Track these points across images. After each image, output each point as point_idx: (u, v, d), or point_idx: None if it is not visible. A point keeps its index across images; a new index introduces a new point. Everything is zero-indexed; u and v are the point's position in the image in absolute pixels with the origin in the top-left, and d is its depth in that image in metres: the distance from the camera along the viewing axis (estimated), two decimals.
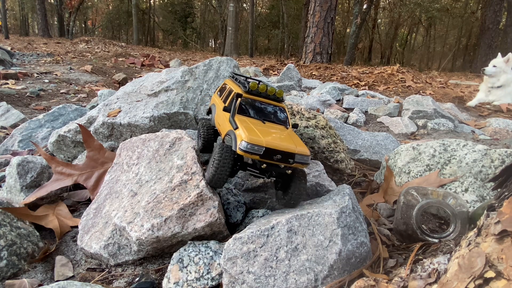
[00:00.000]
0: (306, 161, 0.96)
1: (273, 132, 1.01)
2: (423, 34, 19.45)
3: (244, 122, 1.01)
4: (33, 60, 5.89)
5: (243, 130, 0.95)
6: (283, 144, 0.94)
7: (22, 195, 1.28)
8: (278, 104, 1.14)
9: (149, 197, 1.04)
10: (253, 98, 1.11)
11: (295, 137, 1.03)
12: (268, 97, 1.12)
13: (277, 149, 0.93)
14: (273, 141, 0.94)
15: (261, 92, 1.11)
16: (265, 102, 1.13)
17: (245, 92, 1.11)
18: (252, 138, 0.92)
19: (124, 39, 21.25)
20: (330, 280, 0.86)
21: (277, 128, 1.06)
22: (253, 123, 1.02)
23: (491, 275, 0.62)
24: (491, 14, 10.95)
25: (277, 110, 1.13)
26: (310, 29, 8.09)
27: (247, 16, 18.84)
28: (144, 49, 13.03)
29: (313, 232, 0.92)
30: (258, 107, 1.11)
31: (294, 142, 0.97)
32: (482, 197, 1.23)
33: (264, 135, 0.95)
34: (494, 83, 3.85)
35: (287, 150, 0.94)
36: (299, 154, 0.95)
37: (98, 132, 1.57)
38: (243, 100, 1.10)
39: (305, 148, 0.98)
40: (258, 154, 0.92)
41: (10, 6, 20.73)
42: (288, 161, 0.95)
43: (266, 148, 0.91)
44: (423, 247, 0.97)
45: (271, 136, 0.97)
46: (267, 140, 0.93)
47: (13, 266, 0.97)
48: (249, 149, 0.91)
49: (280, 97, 1.13)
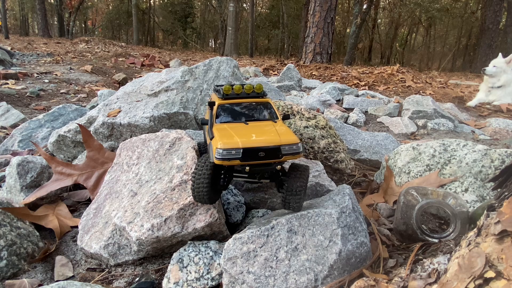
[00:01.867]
0: (297, 150, 0.88)
1: (254, 130, 0.94)
2: (423, 34, 19.45)
3: (222, 129, 0.94)
4: (33, 60, 5.89)
5: (218, 137, 0.88)
6: (264, 139, 0.87)
7: (22, 195, 1.28)
8: (260, 100, 1.05)
9: (149, 197, 1.04)
10: (231, 102, 1.03)
11: (282, 128, 0.95)
12: (248, 96, 1.04)
13: (257, 147, 0.85)
14: (251, 140, 0.86)
15: (238, 94, 1.03)
16: (245, 103, 1.04)
17: (221, 98, 1.04)
18: (226, 142, 0.85)
19: (124, 39, 21.25)
20: (330, 280, 0.86)
21: (261, 125, 0.99)
22: (233, 128, 0.95)
23: (491, 275, 0.62)
24: (491, 14, 10.95)
25: (260, 107, 1.05)
26: (310, 29, 8.09)
27: (247, 16, 18.84)
28: (144, 49, 13.03)
29: (313, 232, 0.92)
30: (238, 110, 1.03)
31: (279, 134, 0.90)
32: (482, 197, 1.23)
33: (241, 137, 0.87)
34: (494, 83, 3.85)
35: (269, 144, 0.86)
36: (285, 144, 0.87)
37: (98, 132, 1.57)
38: (220, 107, 1.03)
39: (292, 136, 0.89)
40: (237, 158, 0.84)
41: (10, 6, 20.73)
42: (275, 156, 0.87)
43: (243, 149, 0.84)
44: (423, 247, 0.97)
45: (250, 135, 0.90)
46: (243, 140, 0.86)
47: (13, 266, 0.97)
48: (226, 156, 0.84)
49: (260, 92, 1.05)
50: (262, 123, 1.00)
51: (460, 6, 15.85)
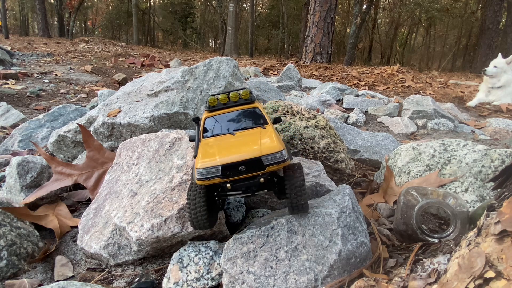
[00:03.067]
0: (281, 158, 0.82)
1: (238, 142, 0.90)
2: (423, 34, 19.46)
3: (206, 145, 0.91)
4: (33, 60, 5.89)
5: (199, 156, 0.85)
6: (243, 152, 0.82)
7: (22, 195, 1.28)
8: (248, 106, 1.00)
9: (149, 197, 1.04)
10: (218, 113, 0.99)
11: (267, 135, 0.90)
12: (235, 104, 0.99)
13: (236, 161, 0.81)
14: (230, 154, 0.82)
15: (224, 103, 0.99)
16: (233, 111, 1.00)
17: (207, 111, 1.00)
18: (204, 161, 0.81)
19: (124, 39, 21.25)
20: (330, 280, 0.86)
21: (248, 134, 0.94)
22: (218, 142, 0.91)
23: (491, 275, 0.62)
24: (491, 14, 10.95)
25: (249, 114, 1.00)
26: (310, 29, 8.09)
27: (247, 16, 18.84)
28: (144, 49, 13.03)
29: (313, 232, 0.92)
30: (225, 121, 0.99)
31: (261, 143, 0.85)
32: (482, 197, 1.23)
33: (221, 152, 0.83)
34: (494, 84, 3.85)
35: (248, 156, 0.81)
36: (266, 154, 0.81)
37: (98, 132, 1.57)
38: (208, 121, 0.99)
39: (275, 144, 0.83)
40: (217, 176, 0.81)
41: (10, 6, 20.73)
42: (258, 168, 0.82)
43: (222, 166, 0.80)
44: (423, 247, 0.97)
45: (232, 148, 0.86)
46: (222, 156, 0.82)
47: (13, 266, 0.97)
48: (206, 175, 0.81)
49: (247, 98, 1.00)
50: (249, 132, 0.95)
51: (460, 6, 15.85)
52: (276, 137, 0.88)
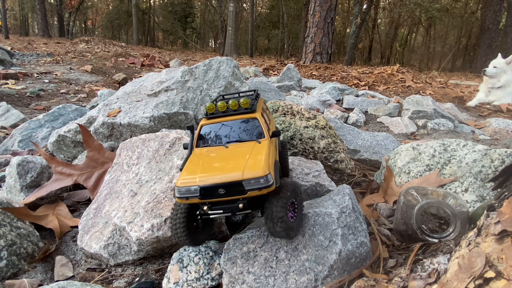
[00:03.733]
0: (264, 184, 0.75)
1: (226, 158, 0.85)
2: (423, 34, 19.45)
3: (194, 158, 0.87)
4: (33, 60, 5.89)
5: (183, 171, 0.81)
6: (225, 173, 0.77)
7: (22, 195, 1.28)
8: (248, 116, 0.94)
9: (149, 197, 1.04)
10: (215, 121, 0.94)
11: (258, 153, 0.83)
12: (234, 112, 0.94)
13: (215, 184, 0.75)
14: (211, 174, 0.77)
15: (223, 111, 0.94)
16: (231, 120, 0.94)
17: (205, 118, 0.95)
18: (184, 180, 0.77)
19: (124, 39, 21.25)
20: (330, 280, 0.86)
21: (240, 148, 0.88)
22: (207, 154, 0.87)
23: (491, 275, 0.62)
24: (491, 14, 10.95)
25: (246, 124, 0.94)
26: (310, 29, 8.09)
27: (247, 16, 18.84)
28: (144, 49, 13.03)
29: (313, 232, 0.92)
30: (221, 130, 0.94)
31: (246, 164, 0.78)
32: (482, 197, 1.23)
33: (204, 169, 0.79)
34: (494, 84, 3.85)
35: (228, 179, 0.75)
36: (248, 179, 0.75)
37: (98, 132, 1.57)
38: (204, 129, 0.94)
39: (261, 166, 0.76)
40: (196, 196, 0.76)
41: (10, 6, 20.73)
42: (239, 192, 0.76)
43: (201, 187, 0.76)
44: (423, 247, 0.97)
45: (215, 166, 0.81)
46: (202, 175, 0.77)
47: (13, 266, 0.97)
48: (185, 194, 0.77)
49: (247, 107, 0.93)
50: (242, 146, 0.89)
51: (460, 6, 15.85)
52: (267, 157, 0.81)
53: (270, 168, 0.78)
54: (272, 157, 0.86)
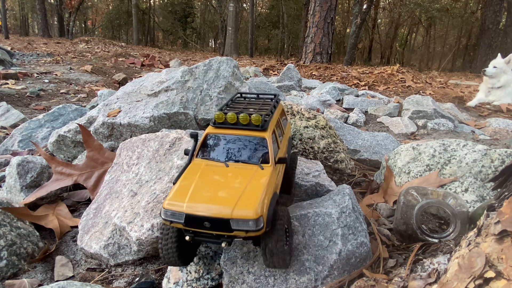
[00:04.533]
0: (252, 227, 0.70)
1: (222, 182, 0.79)
2: (423, 34, 19.46)
3: (191, 172, 0.82)
4: (33, 60, 5.89)
5: (173, 189, 0.77)
6: (213, 205, 0.71)
7: (22, 195, 1.28)
8: (257, 134, 0.87)
9: (149, 197, 1.04)
10: (222, 132, 0.88)
11: (255, 186, 0.77)
12: (244, 127, 0.87)
13: (200, 216, 0.71)
14: (199, 203, 0.72)
15: (232, 123, 0.88)
16: (238, 135, 0.88)
17: (212, 125, 0.89)
18: (172, 202, 0.73)
19: (124, 39, 21.25)
20: (330, 280, 0.86)
21: (240, 171, 0.82)
22: (205, 171, 0.82)
23: (491, 275, 0.62)
24: (491, 14, 10.94)
25: (253, 143, 0.87)
26: (310, 29, 8.09)
27: (247, 16, 18.84)
28: (144, 49, 13.03)
29: (313, 232, 0.92)
30: (226, 144, 0.88)
31: (240, 198, 0.73)
32: (482, 197, 1.23)
33: (195, 193, 0.75)
34: (494, 84, 3.85)
35: (216, 214, 0.70)
36: (236, 219, 0.69)
37: (98, 132, 1.57)
38: (209, 137, 0.89)
39: (254, 207, 0.70)
40: (180, 223, 0.73)
41: (10, 6, 20.73)
42: (225, 229, 0.71)
43: (186, 215, 0.71)
44: (423, 247, 0.97)
45: (207, 192, 0.75)
46: (190, 202, 0.72)
47: (13, 266, 0.97)
48: (170, 218, 0.73)
49: (257, 125, 0.86)
50: (243, 169, 0.83)
51: (460, 6, 15.84)
52: (264, 192, 0.75)
53: (264, 208, 0.73)
54: (271, 190, 0.80)
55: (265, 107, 1.00)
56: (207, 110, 1.74)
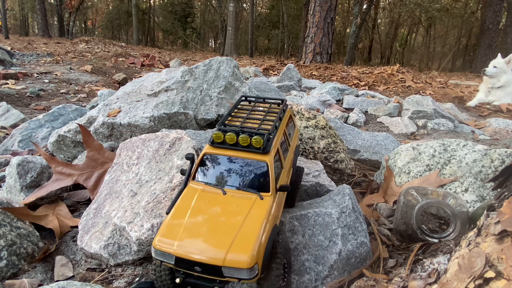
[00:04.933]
0: (245, 276, 0.65)
1: (217, 217, 0.73)
2: (423, 34, 19.46)
3: (185, 201, 0.77)
4: (33, 60, 5.89)
5: (164, 225, 0.72)
6: (205, 249, 0.66)
7: (22, 195, 1.28)
8: (257, 158, 0.80)
9: (149, 197, 1.04)
10: (220, 153, 0.82)
11: (252, 224, 0.71)
12: (243, 149, 0.81)
13: (191, 260, 0.66)
14: (191, 244, 0.67)
15: (231, 144, 0.81)
16: (237, 157, 0.81)
17: (210, 145, 0.83)
18: (162, 242, 0.69)
19: (124, 39, 21.25)
20: (330, 280, 0.86)
21: (238, 202, 0.76)
22: (200, 201, 0.76)
23: (491, 275, 0.62)
24: (491, 14, 10.94)
25: (253, 167, 0.80)
26: (310, 29, 8.09)
27: (247, 16, 18.84)
28: (144, 49, 13.02)
29: (313, 232, 0.92)
30: (224, 167, 0.82)
31: (234, 241, 0.67)
32: (482, 197, 1.23)
33: (185, 232, 0.69)
34: (494, 84, 3.85)
35: (207, 260, 0.66)
36: (228, 267, 0.65)
37: (98, 132, 1.57)
38: (206, 158, 0.83)
39: (248, 252, 0.65)
40: (171, 263, 0.69)
41: (10, 6, 20.73)
42: (217, 274, 0.67)
43: (176, 257, 0.67)
44: (423, 247, 0.97)
45: (200, 230, 0.70)
46: (181, 243, 0.68)
47: (13, 266, 0.97)
48: (160, 257, 0.69)
49: (258, 147, 0.80)
50: (242, 197, 0.77)
51: (460, 6, 15.84)
52: (261, 233, 0.69)
53: (261, 250, 0.68)
54: (270, 224, 0.74)
55: (271, 116, 0.94)
56: (207, 110, 1.74)
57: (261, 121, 0.90)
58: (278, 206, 0.82)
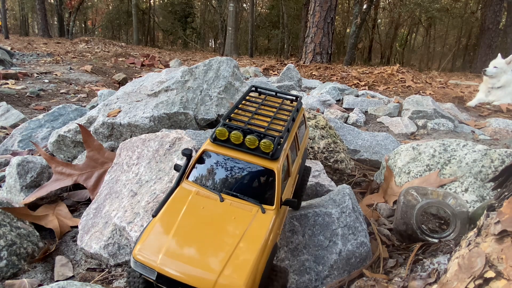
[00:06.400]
0: None
1: (210, 229, 0.64)
2: (423, 34, 19.46)
3: (176, 205, 0.67)
4: (33, 60, 5.89)
5: (148, 229, 0.63)
6: (193, 269, 0.58)
7: (22, 195, 1.28)
8: (264, 164, 0.69)
9: (149, 197, 1.04)
10: (222, 152, 0.71)
11: (250, 243, 0.61)
12: (249, 151, 0.70)
13: (174, 279, 0.58)
14: (177, 260, 0.59)
15: (236, 144, 0.70)
16: (241, 159, 0.70)
17: (212, 141, 0.72)
18: (143, 253, 0.60)
19: (124, 39, 21.25)
20: (330, 280, 0.86)
21: (235, 214, 0.66)
22: (192, 207, 0.67)
23: (491, 275, 0.62)
24: (491, 14, 10.95)
25: (258, 174, 0.70)
26: (310, 29, 8.10)
27: (247, 16, 18.84)
28: (144, 49, 13.03)
29: (313, 232, 0.92)
30: (224, 168, 0.72)
31: (227, 265, 0.58)
32: (482, 197, 1.23)
33: (173, 244, 0.60)
34: (494, 84, 3.85)
35: (194, 284, 0.57)
36: None
37: (98, 132, 1.57)
38: (205, 155, 0.72)
39: (242, 280, 0.56)
40: (151, 278, 0.60)
41: (10, 6, 20.73)
42: None
43: (158, 273, 0.59)
44: (423, 247, 0.97)
45: (189, 243, 0.61)
46: (166, 257, 0.59)
47: (13, 266, 0.97)
48: (139, 269, 0.60)
49: (267, 152, 0.68)
50: (241, 208, 0.67)
51: (460, 6, 15.85)
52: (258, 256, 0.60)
53: (257, 278, 0.59)
54: (270, 245, 0.64)
55: (282, 115, 0.83)
56: (207, 110, 1.74)
57: (271, 119, 0.79)
58: (280, 221, 0.73)
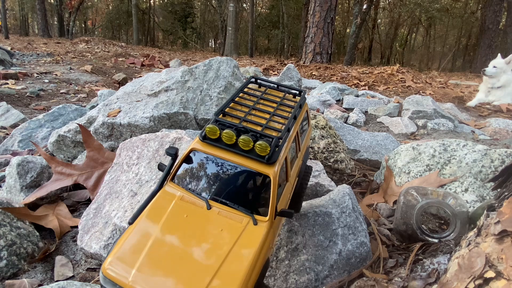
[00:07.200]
0: None
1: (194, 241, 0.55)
2: (423, 34, 19.47)
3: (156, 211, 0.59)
4: (33, 60, 5.89)
5: (121, 239, 0.55)
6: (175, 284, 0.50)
7: (22, 195, 1.28)
8: (260, 168, 0.60)
9: None
10: (211, 153, 0.62)
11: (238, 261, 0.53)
12: (243, 153, 0.61)
13: None
14: (153, 277, 0.50)
15: (228, 144, 0.62)
16: (234, 162, 0.61)
17: (201, 139, 0.63)
18: (115, 264, 0.52)
19: (124, 39, 21.25)
20: (330, 280, 0.86)
21: (223, 224, 0.58)
22: (176, 212, 0.59)
23: (491, 275, 0.62)
24: (491, 14, 10.95)
25: (251, 181, 0.62)
26: (310, 29, 8.10)
27: (247, 16, 18.84)
28: (144, 49, 13.02)
29: (313, 232, 0.92)
30: (213, 170, 0.63)
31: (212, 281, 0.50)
32: (482, 197, 1.23)
33: (149, 258, 0.52)
34: (494, 84, 3.85)
35: None
36: None
37: (98, 132, 1.57)
38: (193, 154, 0.64)
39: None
40: None
41: (10, 6, 20.73)
42: None
43: None
44: (423, 247, 0.97)
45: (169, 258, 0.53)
46: (140, 273, 0.50)
47: (13, 266, 0.97)
48: (109, 285, 0.51)
49: (263, 155, 0.60)
50: (230, 218, 0.59)
51: (460, 6, 15.85)
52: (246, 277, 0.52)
53: None
54: (260, 263, 0.56)
55: (283, 111, 0.73)
56: (207, 110, 1.74)
57: (270, 116, 0.70)
58: (274, 234, 0.64)
